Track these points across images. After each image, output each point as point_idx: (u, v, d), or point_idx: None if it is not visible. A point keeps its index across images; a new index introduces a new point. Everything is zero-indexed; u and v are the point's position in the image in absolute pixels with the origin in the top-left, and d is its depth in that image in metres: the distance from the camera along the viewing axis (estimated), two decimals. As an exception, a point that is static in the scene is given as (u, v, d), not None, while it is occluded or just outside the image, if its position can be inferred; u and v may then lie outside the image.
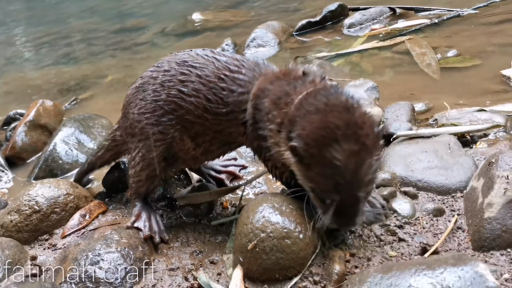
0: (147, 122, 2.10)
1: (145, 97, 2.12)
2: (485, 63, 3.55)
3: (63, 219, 2.25)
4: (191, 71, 2.05)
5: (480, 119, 2.71)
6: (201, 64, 2.05)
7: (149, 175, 2.16)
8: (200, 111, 2.02)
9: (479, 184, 1.95)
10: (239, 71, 2.00)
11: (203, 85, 2.02)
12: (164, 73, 2.11)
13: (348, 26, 4.88)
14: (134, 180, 2.20)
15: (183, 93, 2.04)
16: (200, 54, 2.10)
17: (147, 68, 2.21)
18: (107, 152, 2.47)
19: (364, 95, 2.87)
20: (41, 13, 8.15)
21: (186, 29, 5.78)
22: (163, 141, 2.10)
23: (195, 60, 2.07)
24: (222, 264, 1.98)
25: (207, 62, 2.05)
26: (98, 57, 5.40)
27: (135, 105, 2.15)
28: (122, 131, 2.29)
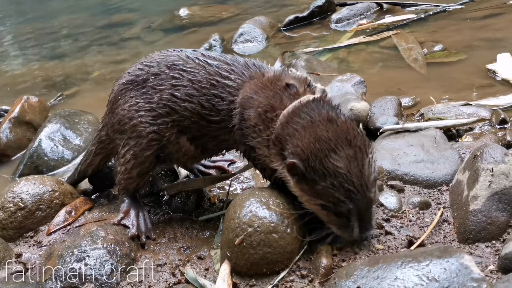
0: (141, 120, 2.07)
1: (136, 95, 2.09)
2: (470, 57, 3.58)
3: (48, 216, 2.23)
4: (182, 75, 2.03)
5: (465, 113, 2.73)
6: (192, 68, 2.03)
7: (140, 173, 2.14)
8: (196, 117, 2.01)
9: (465, 177, 1.96)
10: (229, 77, 1.98)
11: (196, 90, 2.00)
12: (154, 76, 2.08)
13: (336, 21, 4.89)
14: (124, 177, 2.17)
15: (176, 97, 2.02)
16: (190, 56, 2.07)
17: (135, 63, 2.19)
18: (96, 156, 2.40)
19: (351, 90, 2.88)
20: (27, 8, 8.03)
21: (173, 24, 5.74)
22: (158, 141, 2.07)
23: (186, 64, 2.05)
24: (209, 260, 1.97)
25: (198, 66, 2.03)
26: (84, 53, 5.34)
27: (124, 102, 2.11)
28: (108, 128, 2.25)
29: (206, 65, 2.02)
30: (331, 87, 2.95)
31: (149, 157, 2.10)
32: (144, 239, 2.06)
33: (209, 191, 2.36)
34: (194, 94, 2.00)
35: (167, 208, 2.30)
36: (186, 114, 2.01)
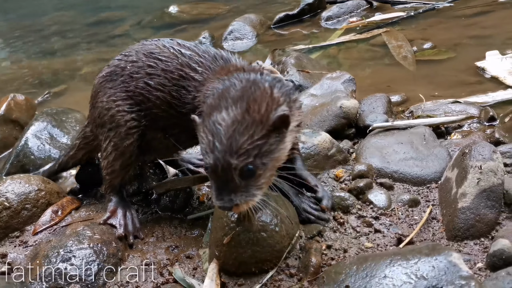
0: (119, 109, 2.05)
1: (114, 85, 2.08)
2: (460, 55, 3.60)
3: (34, 215, 2.19)
4: (157, 64, 2.02)
5: (454, 110, 2.74)
6: (167, 58, 2.02)
7: (123, 165, 2.11)
8: (165, 106, 2.00)
9: (453, 174, 1.96)
10: (196, 70, 1.97)
11: (168, 80, 1.99)
12: (132, 63, 2.07)
13: (326, 19, 4.89)
14: (107, 172, 2.15)
15: (150, 86, 2.01)
16: (167, 45, 2.05)
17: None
18: (79, 151, 2.39)
19: (340, 88, 2.87)
20: (15, 5, 7.94)
21: (163, 22, 5.71)
22: (137, 128, 2.06)
23: (162, 53, 2.04)
24: (198, 259, 1.95)
25: (172, 56, 2.02)
26: (73, 50, 5.29)
27: (103, 94, 2.10)
28: (92, 124, 2.24)
29: (179, 54, 2.01)
30: (321, 85, 2.94)
31: (129, 147, 2.07)
32: (132, 239, 2.03)
33: (198, 190, 2.34)
34: (166, 84, 1.99)
35: (155, 207, 2.28)
36: (157, 103, 2.01)
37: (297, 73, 3.21)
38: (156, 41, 2.11)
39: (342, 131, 2.61)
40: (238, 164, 1.56)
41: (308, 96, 2.86)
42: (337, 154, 2.32)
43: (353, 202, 2.06)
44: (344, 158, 2.34)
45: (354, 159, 2.38)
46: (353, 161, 2.36)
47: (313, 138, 2.29)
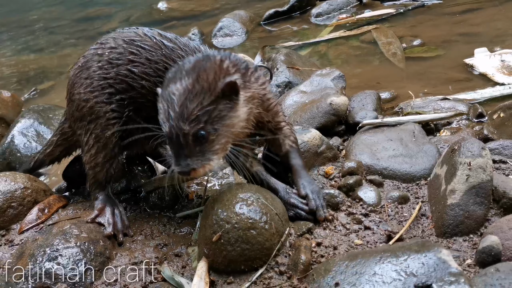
0: (97, 100, 2.02)
1: (91, 74, 2.04)
2: (448, 52, 3.61)
3: (20, 214, 2.16)
4: (140, 52, 2.00)
5: (443, 107, 2.75)
6: (150, 47, 2.00)
7: (106, 157, 2.07)
8: (152, 96, 1.96)
9: (443, 171, 1.97)
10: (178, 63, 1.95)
11: (153, 70, 1.98)
12: (110, 50, 2.03)
13: (316, 16, 4.88)
14: (90, 166, 2.10)
15: (134, 74, 1.99)
16: (148, 34, 2.03)
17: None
18: (57, 148, 2.35)
19: (330, 84, 2.86)
20: (2, 1, 7.84)
21: (151, 18, 5.66)
22: (117, 119, 2.03)
23: (144, 41, 2.01)
24: (187, 257, 1.94)
25: (155, 46, 2.00)
26: (60, 47, 5.23)
27: (80, 85, 2.06)
28: (70, 120, 2.19)
29: (163, 46, 2.00)
30: (310, 82, 2.93)
31: (111, 138, 2.04)
32: (121, 238, 2.01)
33: (187, 187, 2.32)
34: (151, 74, 1.98)
35: (144, 205, 2.26)
36: (143, 92, 1.99)
37: (287, 70, 3.20)
38: (135, 29, 2.08)
39: (332, 128, 2.61)
40: (189, 130, 1.67)
41: (298, 93, 2.85)
42: (327, 151, 2.31)
43: (343, 199, 2.06)
44: (334, 155, 2.33)
45: (344, 156, 2.38)
46: (343, 158, 2.35)
47: (302, 135, 2.28)
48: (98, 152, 2.06)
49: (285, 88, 3.08)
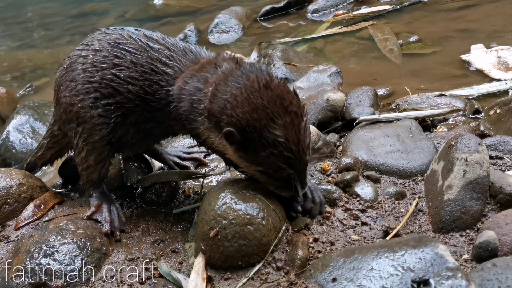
0: (82, 105, 1.98)
1: (75, 77, 2.00)
2: (445, 48, 3.62)
3: (16, 210, 2.15)
4: (125, 55, 1.95)
5: (440, 103, 2.75)
6: (135, 50, 1.95)
7: (97, 159, 2.05)
8: (139, 101, 1.94)
9: (439, 167, 1.97)
10: (167, 64, 1.92)
11: (139, 74, 1.93)
12: (95, 52, 2.00)
13: (312, 12, 4.86)
14: (83, 167, 2.09)
15: (119, 78, 1.94)
16: (133, 37, 1.99)
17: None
18: (48, 151, 2.33)
19: (327, 81, 2.86)
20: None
21: (147, 14, 5.63)
22: (104, 124, 1.99)
23: (129, 44, 1.97)
24: (184, 253, 1.94)
25: (140, 49, 1.95)
26: (56, 42, 5.18)
27: (65, 88, 2.03)
28: (59, 122, 2.16)
29: (148, 48, 1.95)
30: (307, 78, 2.93)
31: (99, 142, 2.01)
32: (119, 235, 2.00)
33: (183, 183, 2.32)
34: (137, 77, 1.93)
35: (140, 201, 2.25)
36: (130, 97, 1.94)
37: (284, 66, 3.20)
38: (120, 30, 2.04)
39: (328, 124, 2.61)
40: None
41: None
42: (323, 147, 2.31)
43: (340, 195, 2.06)
44: (331, 151, 2.34)
45: (340, 152, 2.38)
46: (340, 154, 2.35)
47: (299, 131, 2.27)
48: (88, 154, 2.04)
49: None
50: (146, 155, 2.45)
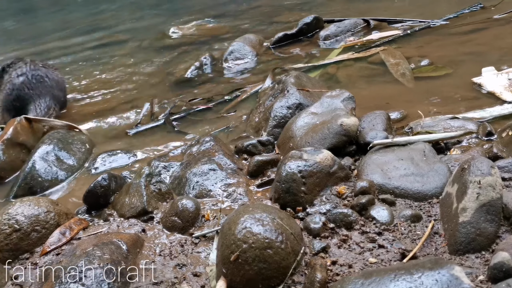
0: None
1: None
2: (456, 71, 3.66)
3: (43, 237, 2.23)
4: None
5: (453, 126, 2.79)
6: None
7: None
8: None
9: (454, 189, 2.01)
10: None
11: None
12: None
13: (324, 38, 4.97)
14: None
15: None
16: None
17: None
18: None
19: (340, 105, 2.92)
20: (16, 31, 8.06)
21: (163, 44, 5.79)
22: None
23: None
24: (205, 277, 1.99)
25: None
26: (74, 73, 5.35)
27: None
28: None
29: None
30: (321, 103, 3.00)
31: None
32: None
33: (203, 208, 2.38)
34: None
35: (161, 226, 2.32)
36: None
37: (297, 92, 3.27)
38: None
39: (343, 148, 2.66)
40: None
41: (309, 115, 2.92)
42: (339, 171, 2.36)
43: (356, 218, 2.11)
44: (346, 175, 2.39)
45: (355, 175, 2.43)
46: (355, 178, 2.40)
47: (315, 155, 2.34)
48: None
49: (296, 109, 3.15)
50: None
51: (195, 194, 2.52)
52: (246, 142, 2.91)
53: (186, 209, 2.28)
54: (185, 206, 2.29)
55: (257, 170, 2.65)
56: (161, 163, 2.86)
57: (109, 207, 2.52)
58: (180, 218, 2.28)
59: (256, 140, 2.92)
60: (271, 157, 2.69)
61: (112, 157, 3.15)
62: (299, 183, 2.24)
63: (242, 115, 3.62)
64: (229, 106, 3.82)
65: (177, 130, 3.57)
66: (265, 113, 3.25)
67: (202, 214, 2.35)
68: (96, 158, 3.17)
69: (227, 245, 1.84)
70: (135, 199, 2.44)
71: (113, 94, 4.44)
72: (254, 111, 3.43)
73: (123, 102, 4.24)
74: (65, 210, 2.38)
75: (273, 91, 3.50)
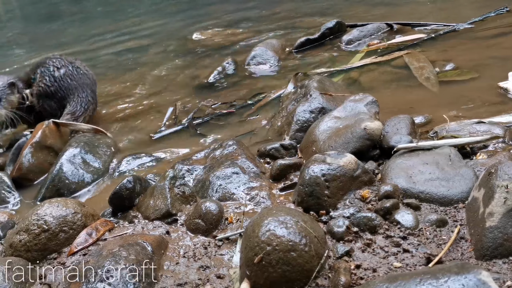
0: None
1: None
2: (482, 75, 3.61)
3: (71, 237, 2.28)
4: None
5: (479, 130, 2.75)
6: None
7: None
8: None
9: (480, 194, 1.98)
10: None
11: None
12: None
13: (347, 43, 4.96)
14: None
15: None
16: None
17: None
18: None
19: (364, 110, 2.92)
20: (43, 37, 8.26)
21: (187, 49, 5.87)
22: None
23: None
24: (229, 279, 2.00)
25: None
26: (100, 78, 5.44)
27: None
28: None
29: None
30: (344, 107, 2.99)
31: None
32: None
33: (226, 211, 2.40)
34: None
35: (185, 228, 2.34)
36: None
37: (320, 96, 3.27)
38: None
39: (366, 153, 2.65)
40: None
41: (332, 119, 2.92)
42: (362, 175, 2.35)
43: (380, 222, 2.09)
44: (370, 179, 2.38)
45: (379, 180, 2.42)
46: (379, 182, 2.39)
47: (338, 159, 2.33)
48: None
49: (319, 113, 3.15)
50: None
51: (218, 197, 2.54)
52: (268, 146, 2.92)
53: (210, 212, 2.30)
54: (208, 208, 2.31)
55: (280, 173, 2.66)
56: (185, 166, 2.89)
57: (134, 209, 2.56)
58: (203, 220, 2.30)
59: (279, 144, 2.93)
60: (294, 161, 2.69)
61: (137, 160, 3.21)
62: (323, 187, 2.24)
63: (265, 119, 3.64)
64: (252, 111, 3.85)
65: (200, 134, 3.61)
66: (287, 117, 3.26)
67: (225, 217, 2.36)
68: (121, 161, 3.23)
69: (251, 247, 1.85)
70: (160, 202, 2.47)
71: (138, 98, 4.51)
72: (277, 115, 3.45)
73: (147, 106, 4.31)
74: (92, 211, 2.42)
75: (295, 95, 3.51)
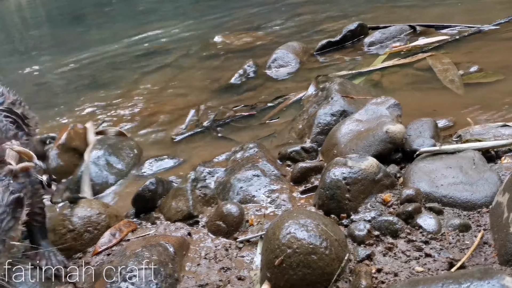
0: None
1: None
2: (507, 78, 3.55)
3: (95, 237, 2.33)
4: None
5: (504, 134, 2.70)
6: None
7: None
8: None
9: (504, 199, 1.95)
10: None
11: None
12: None
13: (369, 45, 4.93)
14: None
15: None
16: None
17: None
18: None
19: (386, 113, 2.89)
20: (68, 40, 8.44)
21: (209, 52, 5.92)
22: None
23: None
24: (249, 280, 2.02)
25: None
26: (124, 80, 5.54)
27: None
28: None
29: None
30: (365, 110, 2.98)
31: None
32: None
33: (246, 213, 2.42)
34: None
35: (206, 230, 2.37)
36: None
37: (341, 99, 3.26)
38: None
39: (388, 156, 2.63)
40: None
41: (353, 122, 2.91)
42: (384, 178, 2.34)
43: (402, 226, 2.08)
44: (391, 182, 2.36)
45: (401, 183, 2.40)
46: (401, 186, 2.37)
47: (359, 162, 2.33)
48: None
49: (340, 116, 3.14)
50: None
51: (239, 199, 2.56)
52: (289, 149, 2.93)
53: (231, 214, 2.32)
54: (229, 211, 2.33)
55: (301, 176, 2.66)
56: (206, 168, 2.92)
57: (156, 210, 2.60)
58: (224, 222, 2.32)
59: (300, 146, 2.93)
60: (315, 164, 2.69)
61: (159, 162, 3.25)
62: (344, 190, 2.24)
63: (286, 122, 3.64)
64: (272, 113, 3.86)
65: (222, 136, 3.63)
66: (308, 120, 3.26)
67: (246, 219, 2.38)
68: (144, 163, 3.28)
69: (272, 249, 1.86)
70: (181, 203, 2.50)
71: (160, 101, 4.57)
72: (298, 118, 3.45)
73: (170, 108, 4.36)
74: (115, 212, 2.47)
75: (317, 98, 3.50)
